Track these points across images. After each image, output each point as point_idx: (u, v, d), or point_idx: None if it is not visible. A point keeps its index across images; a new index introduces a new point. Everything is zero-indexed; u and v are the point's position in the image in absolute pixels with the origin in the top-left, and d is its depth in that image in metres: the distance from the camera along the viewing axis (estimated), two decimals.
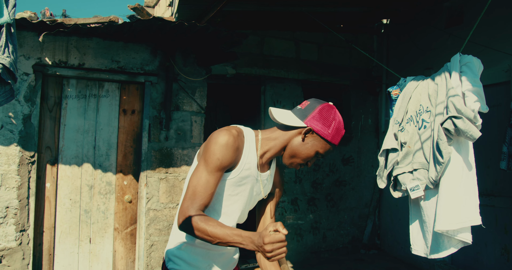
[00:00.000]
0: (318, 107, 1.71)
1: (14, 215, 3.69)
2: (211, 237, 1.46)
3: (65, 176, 3.94)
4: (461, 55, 2.20)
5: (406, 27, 5.52)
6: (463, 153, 2.12)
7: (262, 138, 1.75)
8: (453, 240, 2.18)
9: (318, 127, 1.68)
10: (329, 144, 1.71)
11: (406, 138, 2.38)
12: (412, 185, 2.28)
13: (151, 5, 6.02)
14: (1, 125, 3.67)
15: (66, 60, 3.90)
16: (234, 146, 1.61)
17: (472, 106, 2.04)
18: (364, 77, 5.99)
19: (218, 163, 1.58)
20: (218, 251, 1.81)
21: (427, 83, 2.36)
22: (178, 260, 1.75)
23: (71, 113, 3.96)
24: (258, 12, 4.93)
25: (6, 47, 1.18)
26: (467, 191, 2.11)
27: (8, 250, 3.68)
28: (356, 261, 5.52)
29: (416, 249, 2.40)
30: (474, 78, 2.09)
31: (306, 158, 1.72)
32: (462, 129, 2.00)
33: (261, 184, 1.79)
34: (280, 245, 1.35)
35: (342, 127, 1.73)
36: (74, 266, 3.96)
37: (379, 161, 2.49)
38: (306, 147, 1.70)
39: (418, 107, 2.35)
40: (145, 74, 4.20)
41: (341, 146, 5.85)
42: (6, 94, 1.22)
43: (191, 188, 1.57)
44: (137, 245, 4.19)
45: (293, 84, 5.58)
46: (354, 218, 5.92)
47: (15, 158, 3.71)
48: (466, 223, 2.08)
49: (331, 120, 1.69)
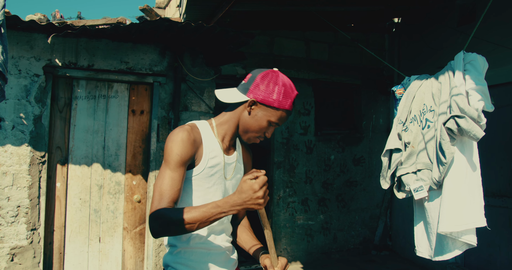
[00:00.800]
0: (258, 76, 1.66)
1: (25, 214, 3.75)
2: (191, 223, 1.42)
3: (75, 176, 3.99)
4: (465, 53, 2.16)
5: (417, 26, 5.45)
6: (467, 153, 2.08)
7: (217, 124, 1.75)
8: (458, 242, 2.13)
9: (261, 97, 1.64)
10: (279, 110, 1.65)
11: (410, 138, 2.34)
12: (416, 186, 2.24)
13: (162, 6, 6.06)
14: (13, 125, 3.73)
15: (76, 61, 3.95)
16: (190, 139, 1.60)
17: (476, 105, 2.00)
18: (375, 76, 5.94)
19: (178, 158, 1.57)
20: (217, 251, 1.78)
21: (431, 82, 2.32)
22: (178, 265, 1.72)
23: (81, 114, 4.01)
24: (268, 12, 4.92)
25: None
26: (471, 192, 2.06)
27: (19, 248, 3.74)
28: (367, 262, 5.47)
29: (420, 251, 2.37)
30: (478, 76, 2.05)
31: (259, 130, 1.69)
32: (465, 128, 1.96)
33: (233, 166, 1.78)
34: (266, 188, 1.38)
35: (291, 89, 1.66)
36: (84, 265, 4.01)
37: (382, 162, 2.46)
38: (256, 119, 1.67)
39: (422, 107, 2.32)
40: (153, 74, 4.23)
41: (352, 146, 5.81)
42: None
43: (157, 190, 1.54)
44: (146, 244, 4.22)
45: (304, 84, 5.56)
46: (365, 218, 5.86)
47: (26, 158, 3.77)
48: (470, 225, 2.04)
49: (274, 85, 1.63)
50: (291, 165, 5.45)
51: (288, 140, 5.44)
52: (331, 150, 5.70)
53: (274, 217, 5.33)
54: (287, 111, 1.67)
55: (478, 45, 4.38)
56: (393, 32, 5.81)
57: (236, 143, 1.85)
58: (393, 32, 5.81)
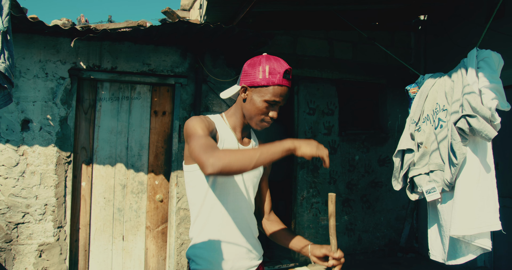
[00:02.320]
0: (245, 65, 1.72)
1: (52, 212, 3.89)
2: (252, 154, 1.41)
3: (99, 176, 4.10)
4: (478, 50, 2.09)
5: (444, 23, 5.31)
6: (480, 154, 2.01)
7: (226, 117, 1.80)
8: (471, 246, 2.07)
9: (249, 81, 1.67)
10: (270, 87, 1.65)
11: (423, 138, 2.29)
12: (428, 187, 2.19)
13: (187, 8, 6.14)
14: (40, 127, 3.87)
15: (100, 64, 4.06)
16: (206, 121, 1.65)
17: (489, 104, 1.93)
18: (401, 75, 5.82)
19: (205, 128, 1.59)
20: (236, 245, 1.75)
21: (444, 80, 2.25)
22: (199, 259, 1.73)
23: (105, 115, 4.12)
24: (290, 12, 4.91)
25: (2, 54, 1.26)
26: (484, 195, 1.99)
27: (47, 245, 3.88)
28: (392, 264, 5.37)
29: (434, 255, 2.31)
30: (492, 74, 1.98)
31: (260, 112, 1.69)
32: (476, 128, 1.89)
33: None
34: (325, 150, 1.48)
35: (278, 65, 1.66)
36: (108, 262, 4.12)
37: (394, 162, 2.41)
38: (252, 103, 1.68)
39: (435, 106, 2.26)
40: (175, 76, 4.29)
41: (377, 146, 5.72)
42: (4, 98, 1.31)
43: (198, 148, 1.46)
44: (168, 243, 4.30)
45: (327, 84, 5.52)
46: (390, 220, 5.76)
47: (52, 158, 3.90)
48: (483, 229, 1.97)
49: (258, 66, 1.66)
50: (314, 165, 5.42)
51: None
52: (356, 150, 5.63)
53: (298, 217, 5.31)
54: (280, 86, 1.66)
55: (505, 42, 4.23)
56: (419, 29, 5.68)
57: (251, 136, 1.89)
58: (419, 29, 5.68)
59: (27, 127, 3.85)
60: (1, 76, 1.26)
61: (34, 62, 3.87)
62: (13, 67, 1.29)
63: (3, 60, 1.26)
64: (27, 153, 3.83)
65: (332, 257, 1.67)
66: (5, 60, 1.26)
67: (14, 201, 3.78)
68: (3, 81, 1.27)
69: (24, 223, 3.82)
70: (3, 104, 1.36)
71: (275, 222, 1.98)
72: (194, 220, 1.77)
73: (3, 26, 1.21)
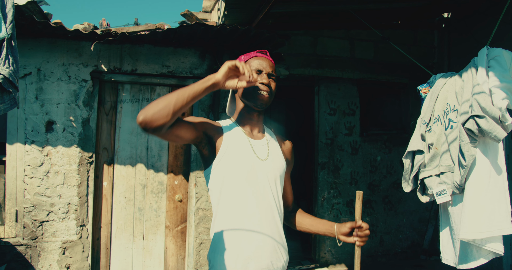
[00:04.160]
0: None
1: (74, 211, 4.00)
2: (170, 94, 1.52)
3: (120, 176, 4.20)
4: (488, 48, 2.03)
5: (468, 21, 5.18)
6: (491, 156, 1.95)
7: (233, 117, 1.92)
8: (483, 250, 2.01)
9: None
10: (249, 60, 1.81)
11: (433, 139, 2.24)
12: (439, 190, 2.14)
13: (208, 10, 6.20)
14: (63, 128, 3.99)
15: (120, 66, 4.15)
16: (211, 121, 1.80)
17: (499, 104, 1.88)
18: (424, 74, 5.71)
19: (196, 119, 1.74)
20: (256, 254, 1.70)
21: (454, 80, 2.20)
22: (216, 255, 1.72)
23: (126, 116, 4.21)
24: (310, 12, 4.89)
25: (6, 59, 1.32)
26: (495, 197, 1.94)
27: (70, 242, 4.00)
28: (415, 267, 5.28)
29: (445, 258, 2.26)
30: (503, 73, 1.92)
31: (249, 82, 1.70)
32: (485, 129, 1.85)
33: (266, 148, 1.83)
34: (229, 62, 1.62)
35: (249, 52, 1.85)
36: (129, 260, 4.21)
37: (404, 164, 2.37)
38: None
39: (445, 106, 2.21)
40: (194, 77, 4.35)
41: (400, 147, 5.63)
42: (10, 101, 1.37)
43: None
44: (187, 243, 4.35)
45: (348, 84, 5.47)
46: (413, 222, 5.66)
47: (75, 159, 4.02)
48: (494, 233, 1.92)
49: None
50: (335, 166, 5.38)
51: (332, 140, 5.37)
52: (378, 151, 5.56)
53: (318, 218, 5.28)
54: (256, 57, 1.82)
55: None
56: (442, 28, 5.56)
57: (265, 131, 1.93)
58: (443, 28, 5.56)
59: (51, 129, 3.97)
60: (6, 81, 1.33)
61: (57, 66, 4.00)
62: (17, 72, 1.35)
63: (7, 65, 1.32)
64: (51, 153, 3.96)
65: (357, 226, 1.75)
66: (9, 66, 1.32)
67: (39, 200, 3.92)
68: (8, 86, 1.34)
69: (48, 221, 3.95)
70: (9, 107, 1.42)
71: (299, 212, 2.04)
72: (212, 221, 1.79)
73: (7, 33, 1.27)
